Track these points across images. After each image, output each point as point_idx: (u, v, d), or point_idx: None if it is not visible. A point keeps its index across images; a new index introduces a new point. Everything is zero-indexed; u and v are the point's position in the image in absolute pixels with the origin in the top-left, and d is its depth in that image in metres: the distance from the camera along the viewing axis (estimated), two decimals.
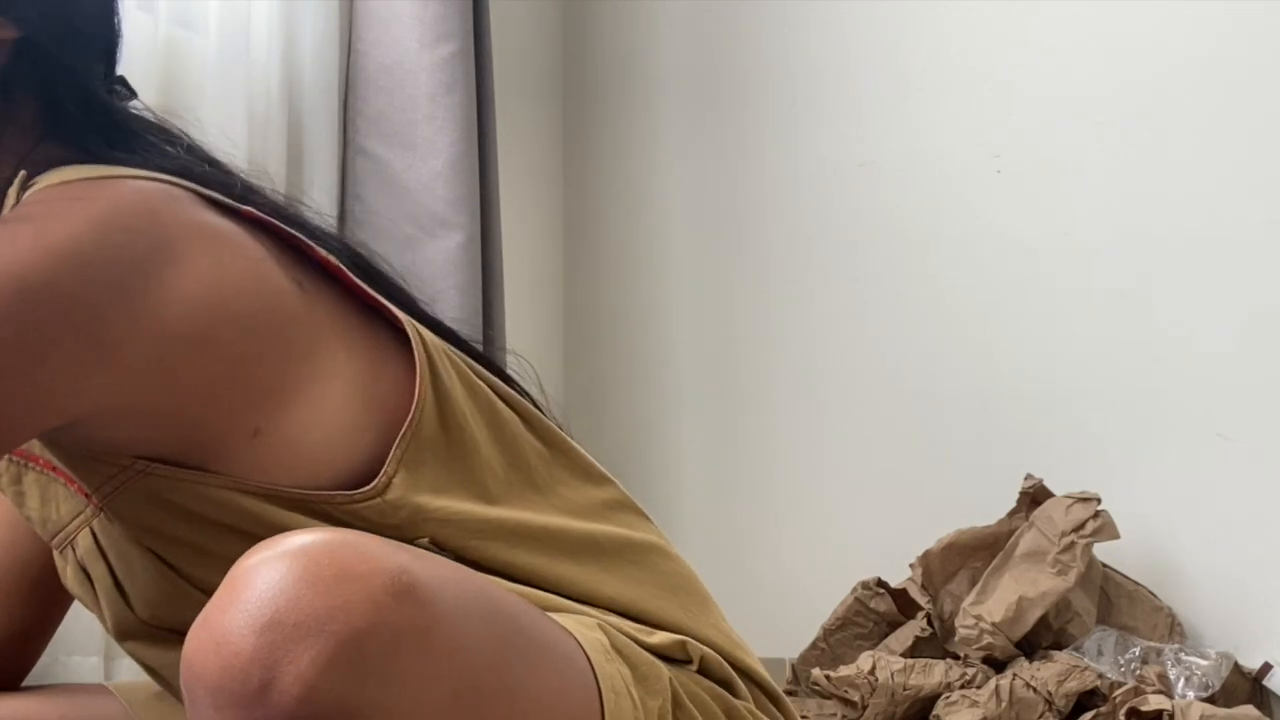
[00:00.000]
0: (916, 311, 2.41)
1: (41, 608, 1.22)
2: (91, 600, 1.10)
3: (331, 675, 0.73)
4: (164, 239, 0.94)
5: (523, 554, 1.02)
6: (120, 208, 0.94)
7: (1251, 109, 2.15)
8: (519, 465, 1.07)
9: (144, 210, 0.95)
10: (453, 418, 1.03)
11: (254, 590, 0.75)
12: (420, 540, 0.98)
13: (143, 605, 1.03)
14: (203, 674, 0.75)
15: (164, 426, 0.96)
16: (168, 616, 1.02)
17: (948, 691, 1.92)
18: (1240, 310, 2.13)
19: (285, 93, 2.22)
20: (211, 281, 0.95)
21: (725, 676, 1.05)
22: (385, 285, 1.09)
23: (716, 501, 2.58)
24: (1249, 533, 2.09)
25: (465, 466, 1.03)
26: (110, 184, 0.96)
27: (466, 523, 1.00)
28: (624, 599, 1.05)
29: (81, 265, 0.90)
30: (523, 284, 2.60)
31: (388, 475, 0.98)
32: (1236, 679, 1.96)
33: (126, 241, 0.92)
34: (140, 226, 0.94)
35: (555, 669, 0.89)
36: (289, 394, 0.97)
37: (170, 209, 0.96)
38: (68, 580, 1.12)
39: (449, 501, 1.00)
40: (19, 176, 0.99)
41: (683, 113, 2.69)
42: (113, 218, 0.93)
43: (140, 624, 1.04)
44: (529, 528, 1.03)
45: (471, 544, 1.00)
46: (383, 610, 0.75)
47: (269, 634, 0.73)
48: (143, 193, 0.96)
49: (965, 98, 2.40)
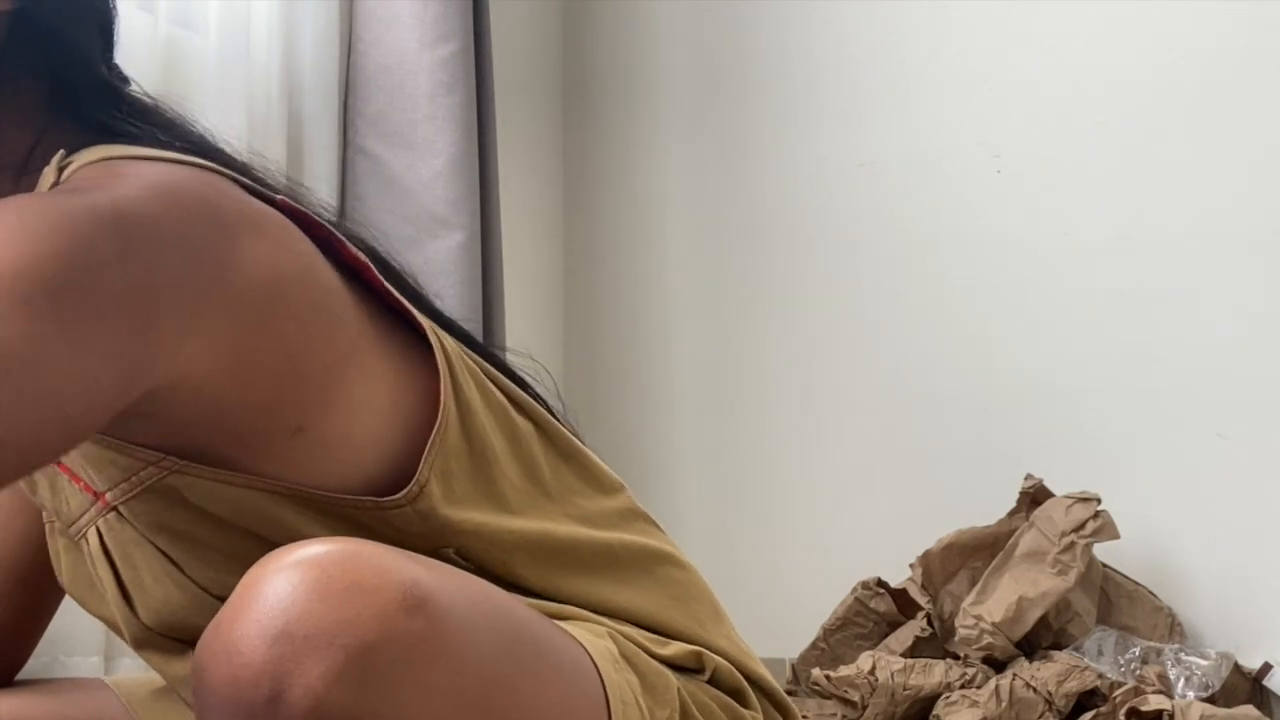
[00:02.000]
0: (916, 311, 2.41)
1: (34, 599, 1.20)
2: (91, 594, 1.09)
3: (341, 688, 0.74)
4: (225, 218, 0.91)
5: (542, 565, 1.01)
6: (178, 183, 0.90)
7: (1251, 108, 2.15)
8: (534, 476, 1.06)
9: (201, 188, 0.91)
10: (474, 427, 1.01)
11: (266, 600, 0.75)
12: (446, 550, 0.97)
13: (148, 611, 1.02)
14: (213, 682, 0.75)
15: (216, 416, 0.93)
16: (173, 623, 1.01)
17: (948, 691, 1.92)
18: (1240, 310, 2.13)
19: (285, 93, 2.22)
20: (269, 266, 0.92)
21: (736, 686, 1.05)
22: (404, 286, 1.07)
23: (716, 501, 2.58)
24: (1249, 533, 2.09)
25: (486, 477, 1.02)
26: (158, 163, 0.93)
27: (488, 534, 0.99)
28: (638, 609, 1.05)
29: (156, 232, 0.86)
30: (523, 284, 2.60)
31: (420, 483, 0.96)
32: (1236, 679, 1.97)
33: (191, 216, 0.89)
34: (201, 205, 0.90)
35: (564, 679, 0.89)
36: (333, 394, 0.95)
37: (223, 190, 0.93)
38: (63, 578, 1.12)
39: (472, 513, 0.99)
40: (57, 155, 0.95)
41: (682, 112, 2.69)
42: (173, 192, 0.89)
43: (147, 632, 1.04)
44: (547, 539, 1.02)
45: (493, 555, 0.99)
46: (393, 624, 0.75)
47: (280, 645, 0.73)
48: (194, 173, 0.93)
49: (965, 98, 2.40)
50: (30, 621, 1.22)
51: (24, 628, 1.22)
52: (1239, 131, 2.15)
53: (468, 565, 0.98)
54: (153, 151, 0.95)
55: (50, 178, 0.94)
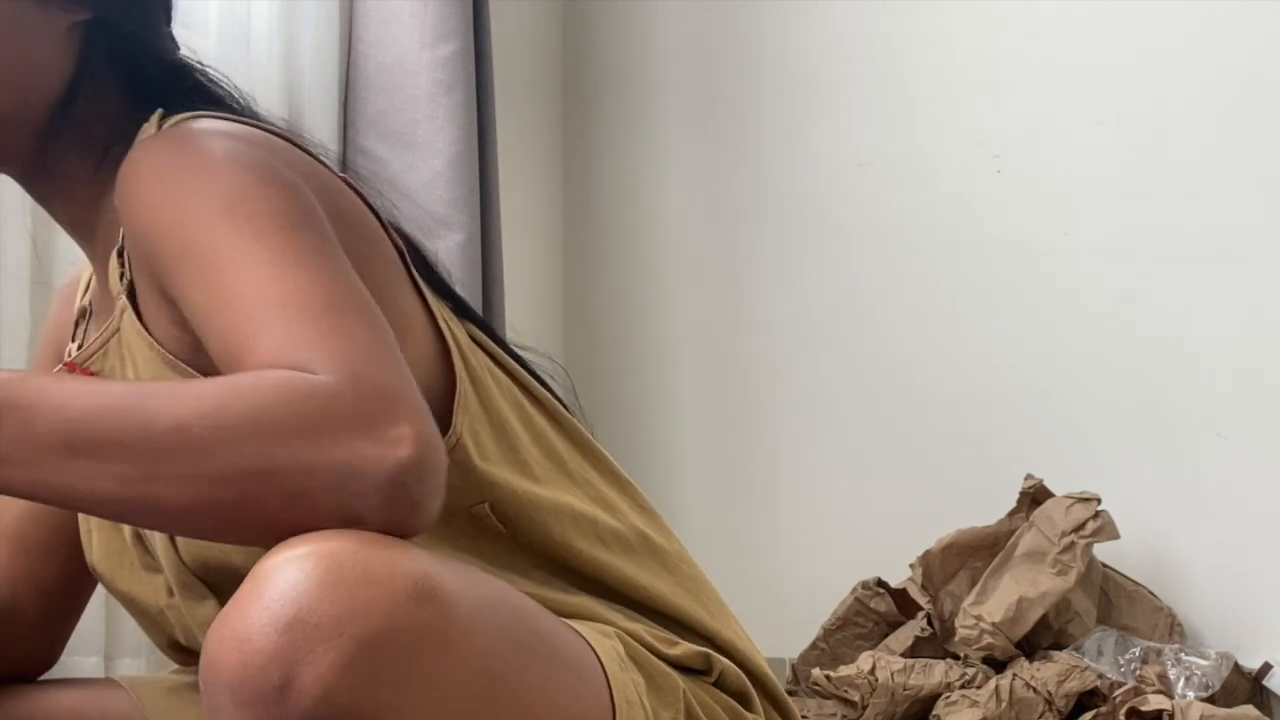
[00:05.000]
0: (916, 311, 2.41)
1: (65, 591, 1.21)
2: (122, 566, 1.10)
3: (350, 677, 0.74)
4: (311, 173, 0.97)
5: (570, 531, 1.03)
6: (259, 138, 0.97)
7: (1251, 108, 2.15)
8: (553, 457, 1.07)
9: (283, 148, 0.98)
10: (490, 403, 1.03)
11: (277, 589, 0.75)
12: (481, 506, 0.99)
13: (189, 548, 1.02)
14: (222, 670, 0.75)
15: None
16: (210, 560, 1.01)
17: (948, 691, 1.92)
18: (1240, 310, 2.13)
19: (285, 93, 2.22)
20: (347, 223, 0.97)
21: (741, 689, 1.05)
22: (433, 275, 1.11)
23: (716, 501, 2.58)
24: (1249, 533, 2.09)
25: (510, 445, 1.03)
26: (237, 124, 0.99)
27: (522, 493, 1.01)
28: (656, 591, 1.06)
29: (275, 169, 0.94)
30: (523, 284, 2.60)
31: (456, 434, 0.98)
32: (1236, 679, 1.97)
33: (290, 163, 0.96)
34: (287, 160, 0.97)
35: (570, 676, 0.89)
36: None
37: (298, 154, 0.99)
38: (93, 558, 1.12)
39: (504, 472, 1.01)
40: (156, 113, 1.02)
41: (682, 112, 2.69)
42: (264, 144, 0.96)
43: (184, 572, 1.04)
44: (571, 510, 1.04)
45: (526, 515, 1.01)
46: (403, 614, 0.76)
47: (290, 634, 0.74)
48: (270, 135, 0.99)
49: (965, 98, 2.40)
50: (62, 618, 1.23)
51: (56, 623, 1.22)
52: (1239, 131, 2.16)
53: (500, 528, 1.00)
54: (231, 118, 1.01)
55: (150, 131, 1.01)
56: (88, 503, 0.84)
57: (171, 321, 0.97)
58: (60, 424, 0.81)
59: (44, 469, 0.82)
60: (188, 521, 0.83)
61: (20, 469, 0.82)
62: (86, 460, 0.81)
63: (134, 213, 0.94)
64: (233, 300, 0.87)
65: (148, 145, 0.97)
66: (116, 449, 0.81)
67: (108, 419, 0.81)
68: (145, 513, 0.84)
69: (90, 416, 0.81)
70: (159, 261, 0.93)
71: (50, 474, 0.82)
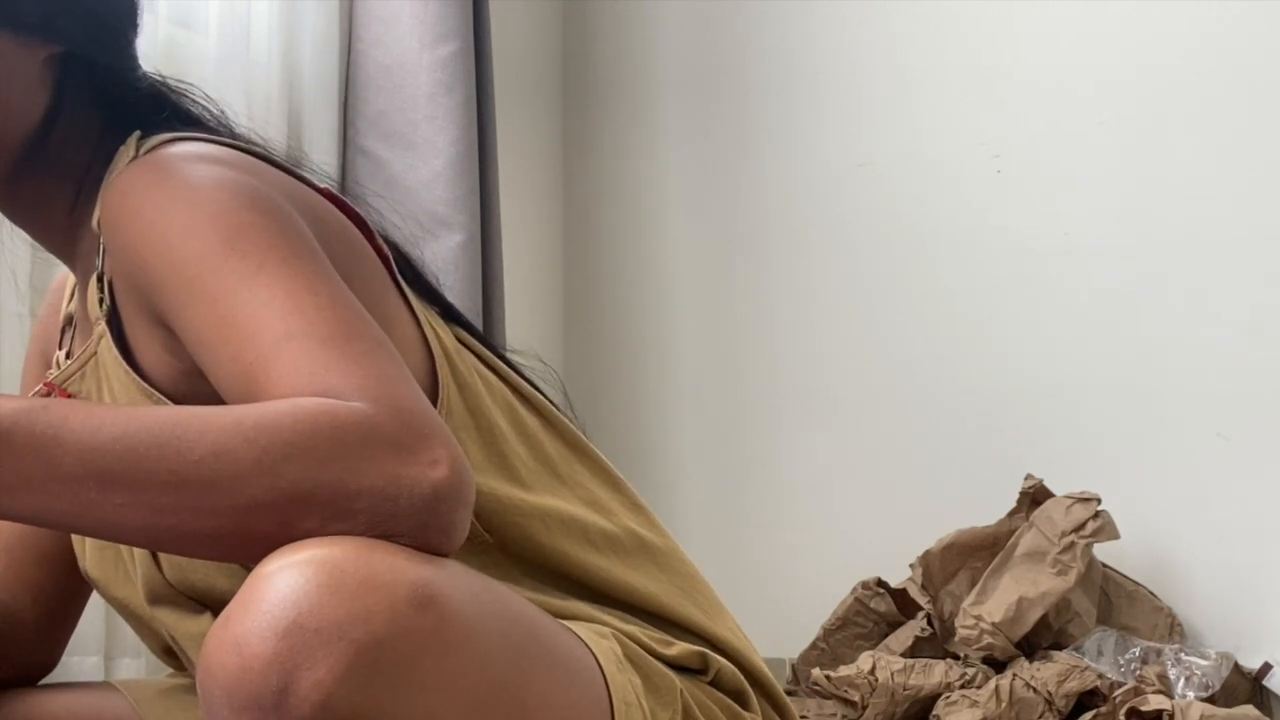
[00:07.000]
0: (916, 311, 2.41)
1: (61, 595, 1.21)
2: (115, 573, 1.10)
3: (349, 683, 0.74)
4: (290, 190, 0.99)
5: (558, 536, 1.03)
6: (241, 161, 0.98)
7: (1251, 108, 2.15)
8: (542, 459, 1.08)
9: (262, 168, 0.99)
10: (477, 408, 1.04)
11: (277, 594, 0.75)
12: None
13: (173, 566, 1.03)
14: (220, 675, 0.75)
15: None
16: (195, 581, 1.02)
17: (948, 691, 1.92)
18: (1240, 310, 2.13)
19: (285, 93, 2.21)
20: (329, 236, 0.98)
21: (738, 688, 1.05)
22: (420, 280, 1.11)
23: (716, 502, 2.58)
24: (1249, 533, 2.09)
25: (497, 452, 1.03)
26: (215, 145, 1.01)
27: (506, 501, 1.01)
28: (649, 593, 1.06)
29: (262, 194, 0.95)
30: (523, 284, 2.60)
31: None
32: (1236, 679, 1.97)
33: (271, 182, 0.97)
34: (269, 180, 0.98)
35: (568, 678, 0.89)
36: None
37: (275, 172, 1.01)
38: (86, 563, 1.12)
39: (489, 480, 1.01)
40: (133, 136, 1.02)
41: (683, 112, 2.69)
42: (246, 166, 0.97)
43: (168, 588, 1.04)
44: (560, 514, 1.04)
45: (510, 521, 1.01)
46: (403, 620, 0.75)
47: (289, 638, 0.73)
48: (248, 156, 1.00)
49: (965, 97, 2.40)
50: (60, 622, 1.23)
51: (54, 627, 1.23)
52: (1239, 131, 2.15)
53: (486, 537, 1.00)
54: (207, 137, 1.03)
55: (128, 154, 1.01)
56: (119, 532, 0.84)
57: (164, 348, 0.97)
58: (87, 453, 0.81)
59: (73, 500, 0.81)
60: (222, 546, 0.83)
61: (45, 498, 0.82)
62: (116, 490, 0.81)
63: (125, 245, 0.95)
64: (248, 333, 0.88)
65: (132, 174, 0.97)
66: (150, 479, 0.81)
67: (138, 447, 0.81)
68: (178, 539, 0.83)
69: (118, 445, 0.81)
70: (156, 293, 0.93)
71: (79, 505, 0.81)
